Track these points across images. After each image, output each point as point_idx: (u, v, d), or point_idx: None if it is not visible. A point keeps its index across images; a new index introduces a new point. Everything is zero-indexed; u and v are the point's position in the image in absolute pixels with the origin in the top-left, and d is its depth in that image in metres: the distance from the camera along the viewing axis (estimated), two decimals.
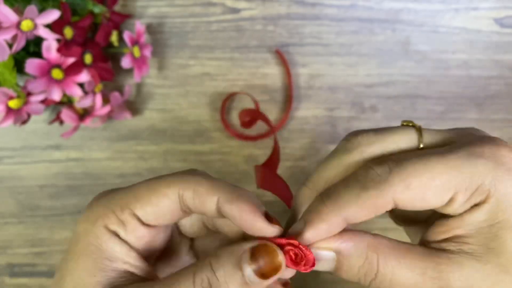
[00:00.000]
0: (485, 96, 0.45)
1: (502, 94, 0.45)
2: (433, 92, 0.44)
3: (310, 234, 0.19)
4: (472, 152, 0.18)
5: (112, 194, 0.22)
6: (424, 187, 0.18)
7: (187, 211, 0.21)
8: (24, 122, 0.39)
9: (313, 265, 0.19)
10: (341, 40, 0.43)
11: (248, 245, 0.19)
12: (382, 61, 0.44)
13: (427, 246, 0.20)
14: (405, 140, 0.20)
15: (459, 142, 0.20)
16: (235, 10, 0.43)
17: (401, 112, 0.45)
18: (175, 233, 0.24)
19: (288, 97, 0.44)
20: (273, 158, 0.38)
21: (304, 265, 0.19)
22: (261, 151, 0.45)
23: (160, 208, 0.21)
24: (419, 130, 0.20)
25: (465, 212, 0.19)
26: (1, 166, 0.45)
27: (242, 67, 0.44)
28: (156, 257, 0.24)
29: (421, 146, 0.20)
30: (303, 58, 0.44)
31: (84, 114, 0.41)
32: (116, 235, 0.21)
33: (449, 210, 0.19)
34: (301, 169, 0.45)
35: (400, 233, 0.27)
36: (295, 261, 0.19)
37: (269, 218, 0.20)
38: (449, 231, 0.19)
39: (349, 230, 0.20)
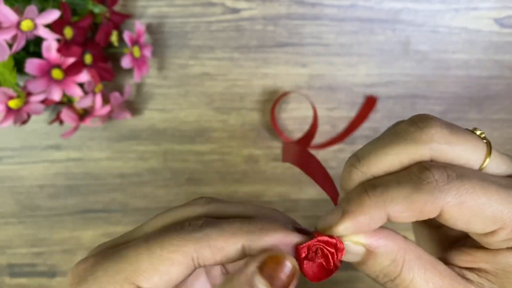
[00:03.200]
0: (485, 96, 0.45)
1: (502, 94, 0.45)
2: (433, 92, 0.44)
3: (348, 226, 0.18)
4: None
5: (104, 264, 0.19)
6: (475, 211, 0.17)
7: (201, 267, 0.19)
8: (24, 122, 0.39)
9: (339, 263, 0.18)
10: (341, 40, 0.43)
11: (253, 266, 0.18)
12: (382, 61, 0.44)
13: (448, 265, 0.20)
14: (473, 153, 0.19)
15: None
16: (235, 10, 0.43)
17: (401, 112, 0.45)
18: None
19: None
20: (307, 136, 0.38)
21: (330, 266, 0.18)
22: (261, 151, 0.45)
23: (170, 275, 0.18)
24: (489, 147, 0.19)
25: (500, 250, 0.18)
26: (1, 166, 0.45)
27: (242, 67, 0.44)
28: None
29: (484, 165, 0.19)
30: (303, 58, 0.44)
31: (84, 114, 0.41)
32: None
33: (485, 241, 0.18)
34: None
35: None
36: (323, 266, 0.18)
37: (302, 231, 0.19)
38: (477, 262, 0.19)
39: (383, 227, 0.19)
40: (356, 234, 0.18)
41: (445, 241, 0.22)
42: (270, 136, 0.45)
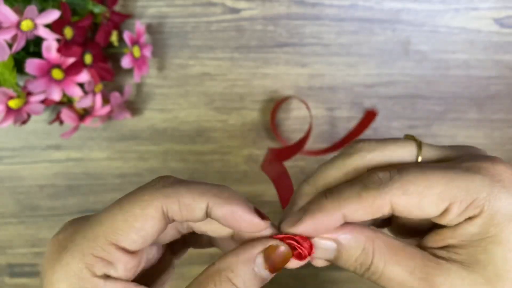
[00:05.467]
0: (485, 96, 0.45)
1: (502, 94, 0.45)
2: (433, 92, 0.44)
3: (309, 225, 0.20)
4: (469, 168, 0.20)
5: (82, 232, 0.20)
6: (420, 195, 0.19)
7: (171, 222, 0.21)
8: (24, 122, 0.39)
9: (309, 254, 0.20)
10: (341, 40, 0.43)
11: (257, 250, 0.20)
12: (382, 61, 0.44)
13: (423, 249, 0.21)
14: (405, 152, 0.21)
15: (458, 159, 0.21)
16: (235, 10, 0.43)
17: (401, 112, 0.45)
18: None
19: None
20: (299, 143, 0.39)
21: (302, 256, 0.20)
22: (261, 151, 0.45)
23: (146, 231, 0.20)
24: (419, 144, 0.21)
25: (460, 224, 0.20)
26: (1, 166, 0.45)
27: (242, 67, 0.44)
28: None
29: (420, 159, 0.21)
30: (303, 58, 0.44)
31: (84, 114, 0.41)
32: (107, 277, 0.20)
33: (444, 221, 0.20)
34: (301, 169, 0.45)
35: None
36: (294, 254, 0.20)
37: (260, 214, 0.21)
38: (444, 240, 0.20)
39: (350, 223, 0.21)
40: (324, 233, 0.20)
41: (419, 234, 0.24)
42: (270, 136, 0.45)
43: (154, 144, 0.45)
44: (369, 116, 0.44)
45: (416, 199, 0.19)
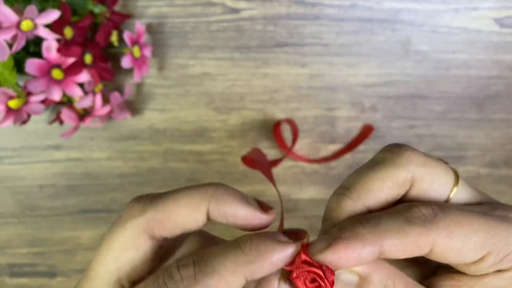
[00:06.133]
0: (485, 96, 0.45)
1: (502, 94, 0.45)
2: (433, 92, 0.44)
3: (341, 253, 0.17)
4: (506, 218, 0.19)
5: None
6: (464, 239, 0.18)
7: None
8: (24, 122, 0.39)
9: None
10: (341, 40, 0.43)
11: (276, 278, 0.18)
12: (382, 61, 0.44)
13: None
14: (445, 176, 0.20)
15: (489, 204, 0.20)
16: (235, 10, 0.43)
17: (401, 112, 0.45)
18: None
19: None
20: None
21: None
22: None
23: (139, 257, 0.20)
24: (457, 176, 0.20)
25: (486, 274, 0.19)
26: (1, 166, 0.45)
27: (242, 67, 0.44)
28: None
29: (452, 194, 0.20)
30: (303, 58, 0.44)
31: (84, 114, 0.41)
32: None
33: (473, 269, 0.19)
34: (301, 169, 0.45)
35: None
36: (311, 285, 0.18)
37: (261, 206, 0.20)
38: (460, 286, 0.19)
39: None
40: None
41: (427, 270, 0.22)
42: (270, 136, 0.45)
43: (154, 144, 0.45)
44: (366, 131, 0.44)
45: (460, 243, 0.18)
